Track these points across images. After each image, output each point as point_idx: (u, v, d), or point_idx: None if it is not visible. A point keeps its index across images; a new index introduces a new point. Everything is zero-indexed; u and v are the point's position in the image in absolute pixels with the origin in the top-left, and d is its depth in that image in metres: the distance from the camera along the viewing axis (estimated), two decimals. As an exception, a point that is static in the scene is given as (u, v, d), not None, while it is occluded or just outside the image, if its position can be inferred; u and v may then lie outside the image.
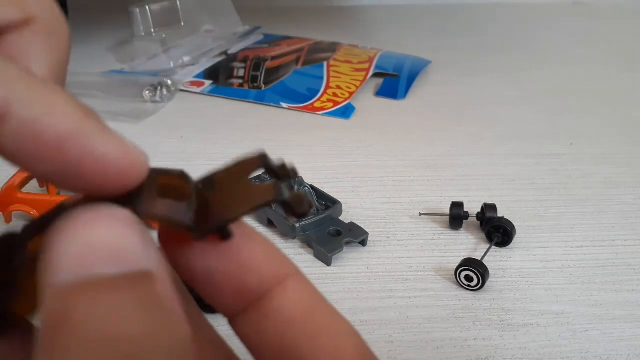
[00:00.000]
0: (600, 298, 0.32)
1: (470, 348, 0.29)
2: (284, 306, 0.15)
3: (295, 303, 0.15)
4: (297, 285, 0.15)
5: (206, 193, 0.14)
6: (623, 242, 0.37)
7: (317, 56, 0.67)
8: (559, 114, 0.57)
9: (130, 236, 0.12)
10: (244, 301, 0.15)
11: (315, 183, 0.39)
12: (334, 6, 1.00)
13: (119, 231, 0.12)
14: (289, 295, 0.15)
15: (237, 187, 0.14)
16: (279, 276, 0.15)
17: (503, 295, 0.32)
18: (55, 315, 0.11)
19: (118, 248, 0.11)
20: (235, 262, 0.14)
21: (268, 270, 0.15)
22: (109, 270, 0.11)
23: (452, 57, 0.72)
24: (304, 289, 0.15)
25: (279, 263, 0.15)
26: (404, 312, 0.31)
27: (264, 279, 0.15)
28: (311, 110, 0.56)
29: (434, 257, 0.35)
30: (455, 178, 0.44)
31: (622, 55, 0.77)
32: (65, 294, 0.11)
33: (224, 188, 0.14)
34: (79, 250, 0.11)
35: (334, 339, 0.15)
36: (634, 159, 0.48)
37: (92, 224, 0.12)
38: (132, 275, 0.11)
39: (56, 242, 0.11)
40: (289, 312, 0.15)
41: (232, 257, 0.14)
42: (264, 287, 0.15)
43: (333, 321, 0.15)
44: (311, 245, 0.35)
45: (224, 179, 0.15)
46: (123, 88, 0.59)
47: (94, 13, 0.85)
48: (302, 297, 0.15)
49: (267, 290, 0.15)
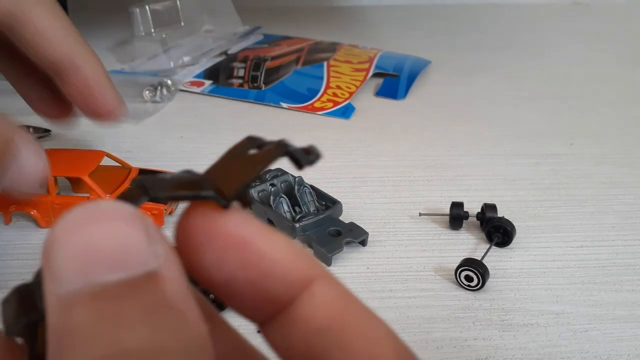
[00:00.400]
0: (600, 298, 0.32)
1: (470, 348, 0.29)
2: (313, 314, 0.14)
3: (324, 310, 0.14)
4: (325, 288, 0.14)
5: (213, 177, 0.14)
6: (623, 242, 0.37)
7: (317, 56, 0.67)
8: (559, 113, 0.57)
9: (134, 235, 0.11)
10: (270, 309, 0.14)
11: (315, 183, 0.39)
12: (334, 6, 1.00)
13: (121, 231, 0.11)
14: (317, 301, 0.14)
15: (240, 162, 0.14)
16: (305, 280, 0.14)
17: (503, 295, 0.32)
18: (61, 329, 0.10)
19: (121, 251, 0.11)
20: (256, 270, 0.13)
21: (293, 275, 0.14)
22: (113, 277, 0.11)
23: (452, 57, 0.72)
24: (333, 292, 0.14)
25: (304, 266, 0.14)
26: (404, 312, 0.31)
27: (289, 285, 0.14)
28: (311, 110, 0.56)
29: (434, 257, 0.35)
30: (455, 178, 0.44)
31: (622, 55, 0.77)
32: (69, 306, 0.10)
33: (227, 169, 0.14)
34: (81, 256, 0.11)
35: (369, 346, 0.13)
36: (634, 159, 0.48)
37: (93, 224, 0.11)
38: (138, 279, 0.11)
39: (56, 245, 0.11)
40: (318, 320, 0.14)
41: (253, 264, 0.13)
42: (290, 294, 0.14)
43: (367, 325, 0.14)
44: (311, 245, 0.35)
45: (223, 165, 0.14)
46: (123, 88, 0.58)
47: (94, 13, 0.85)
48: (332, 301, 0.14)
49: (294, 297, 0.14)
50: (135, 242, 0.11)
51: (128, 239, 0.11)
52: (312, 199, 0.38)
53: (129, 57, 0.68)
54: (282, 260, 0.14)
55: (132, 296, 0.10)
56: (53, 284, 0.11)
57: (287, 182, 0.39)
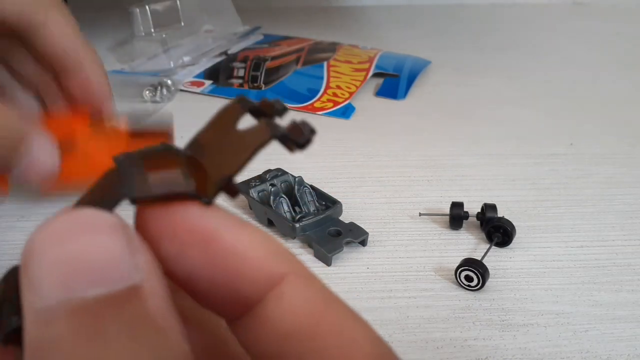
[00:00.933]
0: (600, 298, 0.32)
1: (470, 348, 0.29)
2: (282, 316, 0.13)
3: (294, 312, 0.13)
4: (297, 288, 0.13)
5: (198, 156, 0.13)
6: (623, 242, 0.37)
7: (317, 56, 0.67)
8: (559, 114, 0.57)
9: (116, 248, 0.11)
10: (237, 308, 0.13)
11: (315, 183, 0.39)
12: (334, 6, 1.00)
13: (103, 243, 0.11)
14: (287, 302, 0.13)
15: (227, 140, 0.13)
16: (273, 278, 0.13)
17: (503, 295, 0.32)
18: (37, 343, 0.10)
19: (103, 264, 0.10)
20: (220, 267, 0.12)
21: (261, 273, 0.13)
22: (94, 292, 0.10)
23: (452, 57, 0.72)
24: (307, 292, 0.13)
25: (273, 263, 0.13)
26: (404, 312, 0.31)
27: (256, 283, 0.13)
28: (311, 110, 0.56)
29: (434, 257, 0.35)
30: (455, 178, 0.44)
31: (622, 55, 0.77)
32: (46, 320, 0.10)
33: (214, 145, 0.13)
34: (61, 269, 0.10)
35: (345, 353, 0.12)
36: (634, 159, 0.48)
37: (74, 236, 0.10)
38: (119, 293, 0.10)
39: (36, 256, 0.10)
40: (288, 323, 0.12)
41: (217, 261, 0.12)
42: (258, 293, 0.13)
43: (345, 329, 0.13)
44: (311, 245, 0.35)
45: (211, 137, 0.13)
46: (123, 88, 0.59)
47: (94, 13, 0.85)
48: (304, 302, 0.13)
49: (262, 297, 0.13)
50: (117, 255, 0.11)
51: (110, 251, 0.11)
52: (312, 199, 0.38)
53: (129, 57, 0.68)
54: (249, 257, 0.13)
55: (112, 311, 0.10)
56: (31, 296, 0.10)
57: (287, 182, 0.39)
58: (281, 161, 0.42)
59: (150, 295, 0.11)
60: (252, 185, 0.38)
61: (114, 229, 0.11)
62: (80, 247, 0.10)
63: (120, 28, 0.75)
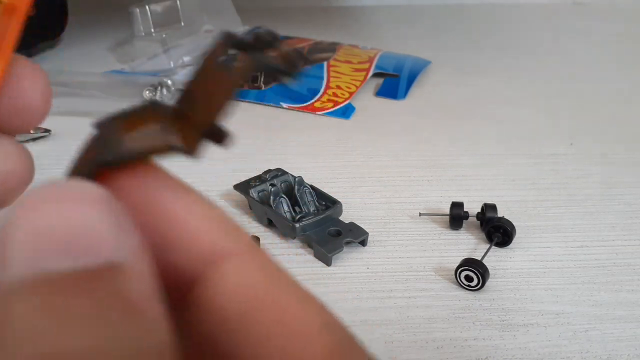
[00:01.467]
0: (600, 298, 0.32)
1: (470, 348, 0.29)
2: (219, 298, 0.11)
3: (231, 295, 0.11)
4: (243, 268, 0.11)
5: (187, 108, 0.12)
6: (623, 242, 0.37)
7: (317, 56, 0.67)
8: (559, 114, 0.57)
9: (100, 221, 0.09)
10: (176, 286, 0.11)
11: (315, 183, 0.39)
12: (334, 6, 1.00)
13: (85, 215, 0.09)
14: (227, 283, 0.11)
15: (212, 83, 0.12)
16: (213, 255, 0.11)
17: (503, 295, 0.32)
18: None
19: (81, 236, 0.09)
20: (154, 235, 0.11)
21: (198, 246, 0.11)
22: (64, 264, 0.09)
23: (452, 57, 0.72)
24: (254, 274, 0.11)
25: (215, 236, 0.11)
26: (404, 312, 0.31)
27: (192, 258, 0.11)
28: (311, 110, 0.56)
29: (434, 257, 0.35)
30: (455, 178, 0.44)
31: (622, 55, 0.77)
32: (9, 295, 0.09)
33: (200, 92, 0.12)
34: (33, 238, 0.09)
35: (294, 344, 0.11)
36: (634, 159, 0.48)
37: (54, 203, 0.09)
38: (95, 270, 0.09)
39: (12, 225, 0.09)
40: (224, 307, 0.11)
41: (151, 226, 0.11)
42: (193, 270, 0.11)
43: (297, 317, 0.11)
44: (311, 245, 0.35)
45: (198, 85, 0.12)
46: (123, 88, 0.59)
47: (94, 13, 0.85)
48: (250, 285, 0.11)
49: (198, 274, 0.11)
50: (100, 228, 0.09)
51: (92, 223, 0.09)
52: (312, 199, 0.38)
53: (129, 57, 0.68)
54: (189, 228, 0.11)
55: (84, 289, 0.09)
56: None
57: (287, 182, 0.39)
58: (281, 161, 0.42)
59: (133, 277, 0.09)
60: (252, 185, 0.38)
61: (98, 201, 0.10)
62: (58, 215, 0.09)
63: (120, 28, 0.75)
